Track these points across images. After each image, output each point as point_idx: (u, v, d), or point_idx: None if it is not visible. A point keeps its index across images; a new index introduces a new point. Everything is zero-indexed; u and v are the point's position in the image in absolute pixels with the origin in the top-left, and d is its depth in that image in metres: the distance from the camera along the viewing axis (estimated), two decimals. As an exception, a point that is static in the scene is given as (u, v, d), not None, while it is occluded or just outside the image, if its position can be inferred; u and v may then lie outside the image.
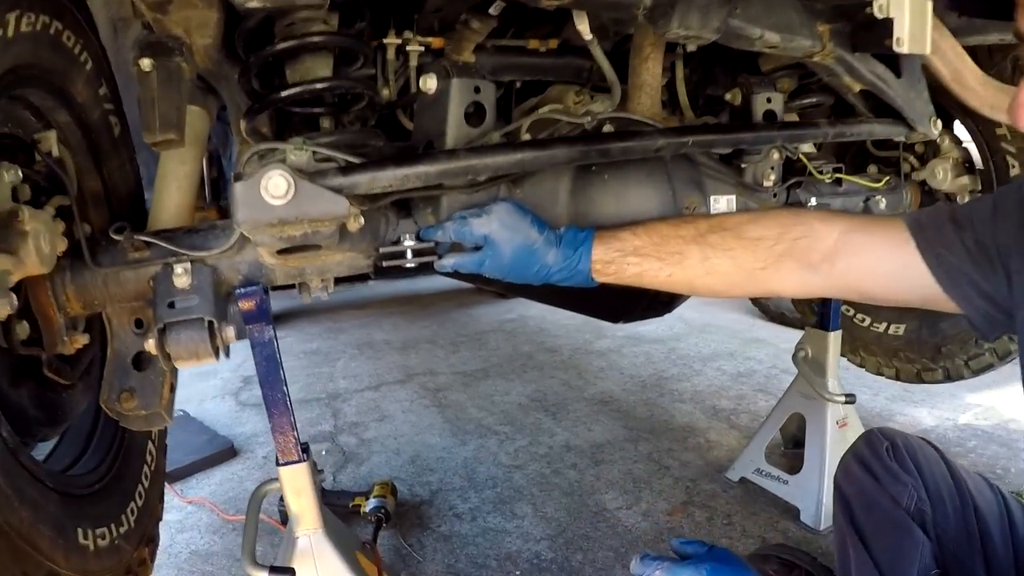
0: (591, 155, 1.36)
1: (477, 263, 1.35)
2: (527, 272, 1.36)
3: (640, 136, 1.42)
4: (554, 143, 1.32)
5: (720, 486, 2.75)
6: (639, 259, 1.35)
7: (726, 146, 1.59)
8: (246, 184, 1.12)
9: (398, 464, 3.07)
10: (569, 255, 1.35)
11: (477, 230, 1.34)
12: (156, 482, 1.77)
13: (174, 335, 1.32)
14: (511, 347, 4.81)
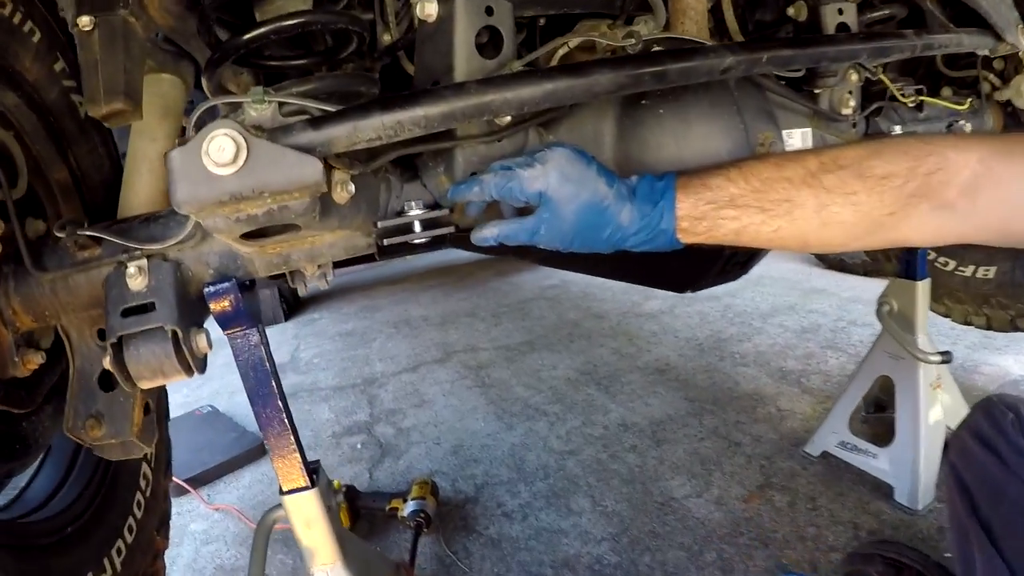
0: (644, 80, 1.04)
1: (530, 230, 1.07)
2: (596, 237, 1.07)
3: (704, 54, 1.09)
4: (595, 67, 1.00)
5: (799, 463, 2.47)
6: (737, 211, 1.04)
7: (805, 62, 1.26)
8: (183, 152, 0.84)
9: (439, 455, 2.82)
10: (647, 211, 1.05)
11: (529, 185, 1.04)
12: (153, 511, 1.53)
13: (132, 350, 1.06)
14: (555, 315, 4.54)
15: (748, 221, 1.04)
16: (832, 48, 1.29)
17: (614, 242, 1.08)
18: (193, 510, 2.66)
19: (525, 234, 1.07)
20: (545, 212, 1.05)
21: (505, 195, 1.06)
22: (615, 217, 1.05)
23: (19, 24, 1.28)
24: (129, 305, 1.06)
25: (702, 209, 1.05)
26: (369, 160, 1.04)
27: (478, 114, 0.93)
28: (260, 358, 1.16)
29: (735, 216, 1.04)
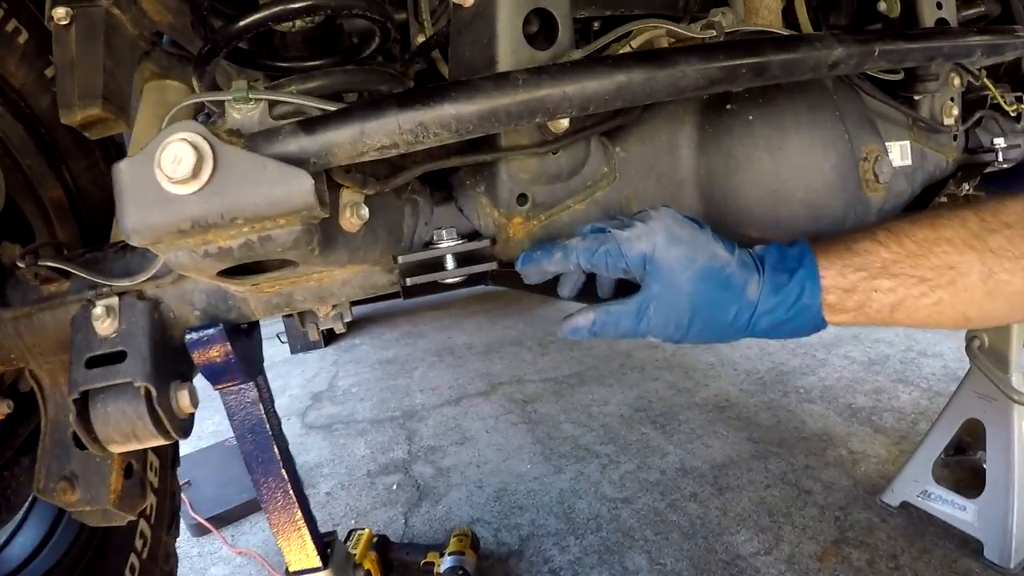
0: (740, 74, 0.82)
1: (636, 314, 0.86)
2: (720, 318, 0.86)
3: (811, 44, 0.87)
4: (680, 55, 0.78)
5: (877, 514, 2.21)
6: (893, 282, 0.84)
7: (919, 58, 1.03)
8: (133, 164, 0.64)
9: (481, 501, 2.59)
10: (783, 283, 0.85)
11: (630, 248, 0.85)
12: (148, 574, 1.33)
13: (99, 408, 0.87)
14: (606, 345, 4.28)
15: (906, 293, 0.84)
16: (948, 42, 1.07)
17: (742, 325, 0.86)
18: (215, 552, 2.49)
19: (630, 320, 0.86)
20: (654, 283, 0.85)
21: (598, 263, 0.87)
22: (742, 290, 0.85)
23: (0, 22, 1.12)
24: (95, 353, 0.87)
25: (851, 279, 0.85)
26: (389, 176, 0.83)
27: (528, 114, 0.71)
28: (259, 419, 0.96)
29: (891, 288, 0.84)
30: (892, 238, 0.85)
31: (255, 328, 1.03)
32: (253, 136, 0.67)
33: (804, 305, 0.84)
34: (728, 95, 1.05)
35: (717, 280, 0.84)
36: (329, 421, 3.60)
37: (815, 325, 0.86)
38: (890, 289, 0.84)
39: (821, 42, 0.89)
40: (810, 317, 0.85)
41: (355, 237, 0.81)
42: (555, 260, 0.88)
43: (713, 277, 0.84)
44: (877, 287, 0.84)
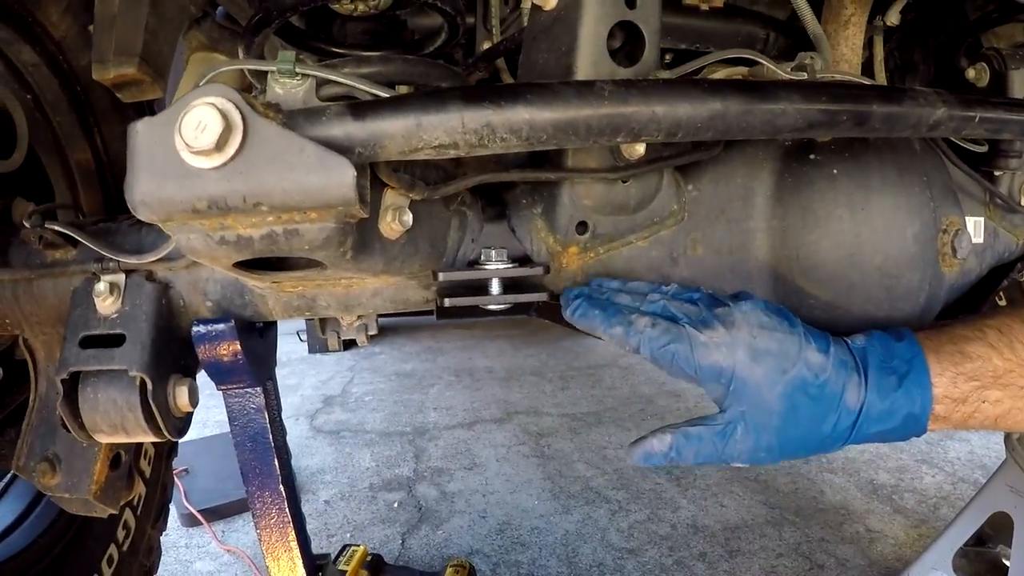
0: (841, 121, 0.73)
1: (721, 440, 0.75)
2: (815, 434, 0.76)
3: (915, 99, 0.79)
4: (782, 90, 0.69)
5: (890, 599, 2.09)
6: (1003, 393, 0.75)
7: (1016, 131, 0.93)
8: (150, 126, 0.56)
9: (483, 532, 2.48)
10: (890, 390, 0.75)
11: (706, 357, 0.75)
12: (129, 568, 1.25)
13: (88, 393, 0.78)
14: (628, 387, 4.18)
15: (1012, 405, 0.76)
16: None
17: (840, 435, 0.76)
18: (203, 546, 2.41)
19: (713, 445, 0.75)
20: (738, 404, 0.74)
21: (662, 359, 0.76)
22: (839, 398, 0.75)
23: (41, -35, 1.06)
24: (92, 333, 0.79)
25: (964, 389, 0.75)
26: (440, 183, 0.74)
27: (610, 132, 0.61)
28: (262, 427, 0.87)
29: (999, 399, 0.75)
30: (1004, 341, 0.77)
31: (271, 329, 0.95)
32: (293, 113, 0.58)
33: (913, 416, 0.75)
34: (812, 145, 0.96)
35: (812, 393, 0.74)
36: (338, 427, 3.52)
37: (915, 434, 0.78)
38: (998, 401, 0.75)
39: (926, 99, 0.81)
40: (914, 427, 0.76)
41: (394, 245, 0.72)
42: (613, 333, 0.78)
43: (807, 390, 0.74)
44: (986, 398, 0.75)
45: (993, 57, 1.29)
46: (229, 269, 0.67)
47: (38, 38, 1.11)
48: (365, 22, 1.16)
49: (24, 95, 1.12)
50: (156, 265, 0.81)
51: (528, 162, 0.81)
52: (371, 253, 0.70)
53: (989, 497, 2.02)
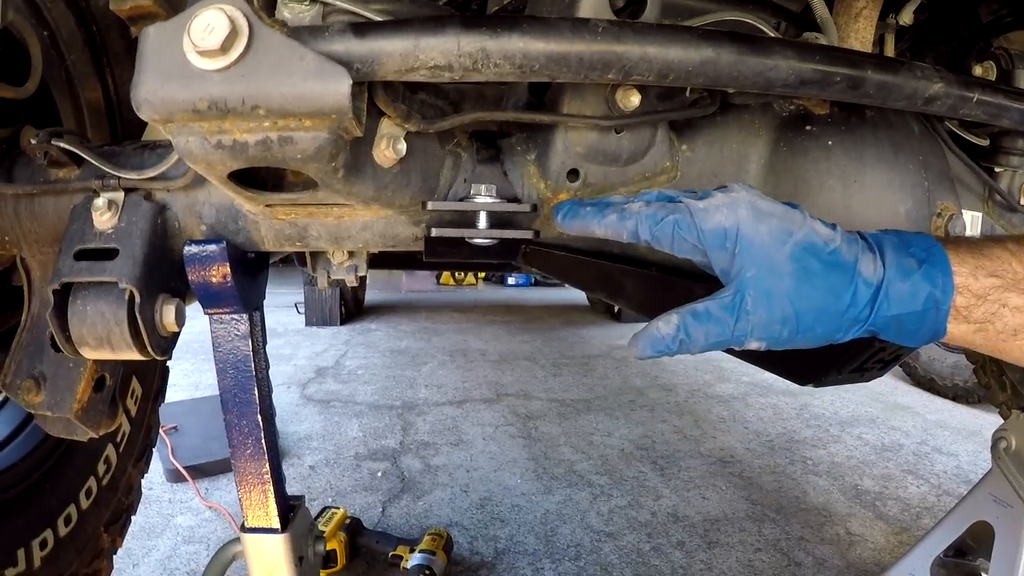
0: (834, 82, 0.74)
1: (730, 312, 0.70)
2: (835, 306, 0.70)
3: (911, 71, 0.79)
4: (776, 44, 0.70)
5: (865, 602, 2.09)
6: (1023, 299, 0.71)
7: (1015, 120, 0.93)
8: (161, 30, 0.58)
9: (463, 506, 2.50)
10: (910, 270, 0.71)
11: (707, 219, 0.70)
12: (106, 503, 1.26)
13: (78, 305, 0.80)
14: (620, 378, 4.20)
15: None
16: None
17: (859, 312, 0.71)
18: (186, 501, 2.43)
19: (724, 319, 0.69)
20: (746, 268, 0.69)
21: (662, 234, 0.71)
22: (853, 269, 0.70)
23: None
24: (87, 247, 0.80)
25: (985, 284, 0.71)
26: (436, 118, 0.76)
27: (602, 67, 0.63)
28: (245, 355, 0.89)
29: (1019, 306, 0.71)
30: (1023, 251, 0.73)
31: (263, 261, 0.97)
32: (298, 29, 0.60)
33: (935, 301, 0.70)
34: (809, 117, 0.97)
35: (824, 259, 0.69)
36: (328, 397, 3.54)
37: (934, 332, 0.72)
38: (1018, 308, 0.71)
39: (923, 71, 0.81)
40: (934, 319, 0.71)
41: (386, 173, 0.74)
42: (607, 221, 0.73)
43: (818, 254, 0.70)
44: (1007, 301, 0.71)
45: (1001, 56, 1.31)
46: (224, 183, 0.68)
47: (56, -26, 1.12)
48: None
49: (41, 30, 1.14)
50: (154, 185, 0.82)
51: (526, 106, 0.82)
52: (363, 177, 0.71)
53: (972, 506, 1.99)
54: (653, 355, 0.72)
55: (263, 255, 0.96)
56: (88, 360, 0.91)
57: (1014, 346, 0.72)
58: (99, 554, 1.25)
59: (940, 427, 3.67)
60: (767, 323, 0.69)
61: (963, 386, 4.04)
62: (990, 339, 0.72)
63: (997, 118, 0.94)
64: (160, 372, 1.45)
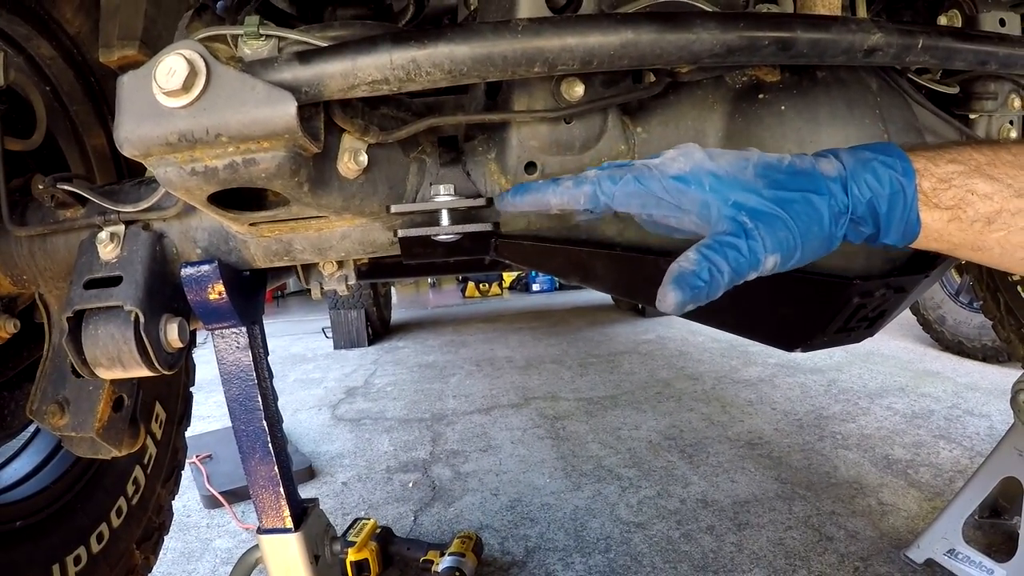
0: (762, 46, 0.77)
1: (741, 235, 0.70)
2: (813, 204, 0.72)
3: (844, 25, 0.82)
4: (697, 17, 0.74)
5: (899, 569, 2.09)
6: (990, 186, 0.72)
7: (970, 60, 0.95)
8: (134, 77, 0.65)
9: (494, 509, 2.56)
10: (868, 160, 0.73)
11: (667, 168, 0.72)
12: (137, 521, 1.34)
13: (91, 329, 0.88)
14: (646, 372, 4.23)
15: (1003, 206, 0.72)
16: (1002, 49, 0.97)
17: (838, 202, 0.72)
18: (223, 525, 2.51)
19: (738, 249, 0.69)
20: (724, 199, 0.71)
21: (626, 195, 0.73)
22: (814, 168, 0.73)
23: (53, -34, 1.17)
24: (94, 276, 0.88)
25: (945, 169, 0.73)
26: (394, 128, 0.82)
27: (525, 62, 0.69)
28: (247, 365, 0.96)
29: (987, 193, 0.72)
30: (986, 145, 0.75)
31: (259, 281, 1.04)
32: (252, 63, 0.68)
33: (900, 184, 0.71)
34: (761, 86, 1.00)
35: (785, 169, 0.72)
36: (359, 416, 3.62)
37: (908, 219, 0.73)
38: (987, 195, 0.72)
39: (858, 24, 0.83)
40: (903, 204, 0.72)
41: (351, 184, 0.81)
42: (561, 190, 0.75)
43: (779, 167, 0.73)
44: (973, 188, 0.72)
45: (964, 2, 1.29)
46: (205, 206, 0.76)
47: (54, 33, 1.21)
48: (353, 7, 1.24)
49: (43, 85, 1.23)
50: (150, 216, 0.90)
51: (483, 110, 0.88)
52: (329, 189, 0.78)
53: (998, 462, 2.02)
54: (691, 299, 0.68)
55: (259, 272, 1.04)
56: (105, 382, 0.99)
57: (992, 240, 0.73)
58: (132, 570, 1.33)
59: (971, 389, 3.65)
60: (771, 233, 0.70)
61: (992, 346, 4.00)
62: (966, 231, 0.73)
63: (949, 61, 0.94)
64: (183, 397, 1.54)
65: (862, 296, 1.01)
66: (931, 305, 4.40)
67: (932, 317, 4.39)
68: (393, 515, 2.53)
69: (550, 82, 0.86)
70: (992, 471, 2.03)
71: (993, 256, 0.75)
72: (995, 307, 2.39)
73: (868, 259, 1.03)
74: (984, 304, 2.45)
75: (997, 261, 0.76)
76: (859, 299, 1.00)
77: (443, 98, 0.97)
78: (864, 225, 0.74)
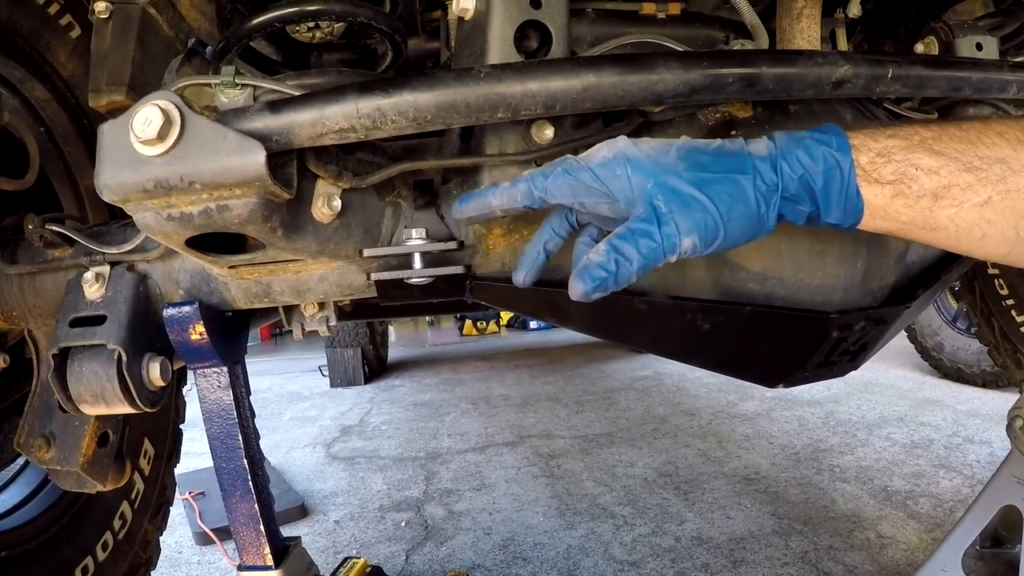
0: (727, 84, 0.79)
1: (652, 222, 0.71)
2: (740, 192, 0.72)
3: (811, 58, 0.83)
4: (660, 58, 0.77)
5: (899, 603, 2.06)
6: (935, 160, 0.71)
7: (942, 87, 0.95)
8: (113, 126, 0.69)
9: (486, 548, 2.54)
10: (800, 138, 0.74)
11: (592, 158, 0.75)
12: (122, 557, 1.35)
13: (75, 366, 0.91)
14: (643, 408, 4.23)
15: (950, 180, 0.71)
16: (976, 74, 0.99)
17: (766, 180, 0.72)
18: (214, 562, 2.51)
19: (650, 237, 0.70)
20: (643, 183, 0.71)
21: (556, 185, 0.75)
22: (742, 148, 0.74)
23: (55, 15, 1.22)
24: (80, 315, 0.91)
25: (885, 143, 0.72)
26: (368, 173, 0.86)
27: (488, 109, 0.72)
28: (228, 404, 0.98)
29: (932, 168, 0.71)
30: (932, 123, 0.74)
31: (242, 322, 1.07)
32: (225, 112, 0.71)
33: (835, 159, 0.71)
34: (734, 122, 1.02)
35: (710, 151, 0.73)
36: (353, 454, 3.62)
37: (847, 194, 0.72)
38: (932, 170, 0.70)
39: (824, 57, 0.84)
40: (841, 179, 0.71)
41: (326, 228, 0.84)
42: (499, 191, 0.78)
43: (704, 149, 0.73)
44: (917, 162, 0.70)
45: (940, 29, 1.33)
46: (184, 249, 0.79)
47: (48, 77, 1.25)
48: (339, 51, 1.28)
49: (37, 127, 1.27)
50: (135, 257, 0.93)
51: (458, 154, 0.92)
52: (304, 234, 0.81)
53: (996, 491, 1.97)
54: (594, 289, 0.71)
55: (242, 314, 1.06)
56: (91, 417, 1.01)
57: (944, 218, 0.72)
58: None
59: (971, 416, 3.65)
60: (687, 216, 0.71)
61: (991, 371, 3.99)
62: (913, 207, 0.72)
63: (921, 89, 0.95)
64: (173, 434, 1.55)
65: (841, 329, 1.01)
66: (928, 332, 4.39)
67: (930, 344, 4.39)
68: (385, 554, 2.52)
69: (520, 126, 0.89)
70: (990, 500, 1.99)
71: (949, 236, 0.74)
72: (990, 332, 2.40)
73: (847, 292, 1.04)
74: (979, 330, 2.46)
75: (954, 243, 0.75)
76: (838, 332, 0.99)
77: (424, 141, 1.00)
78: (801, 203, 0.74)
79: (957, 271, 1.21)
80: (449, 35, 1.21)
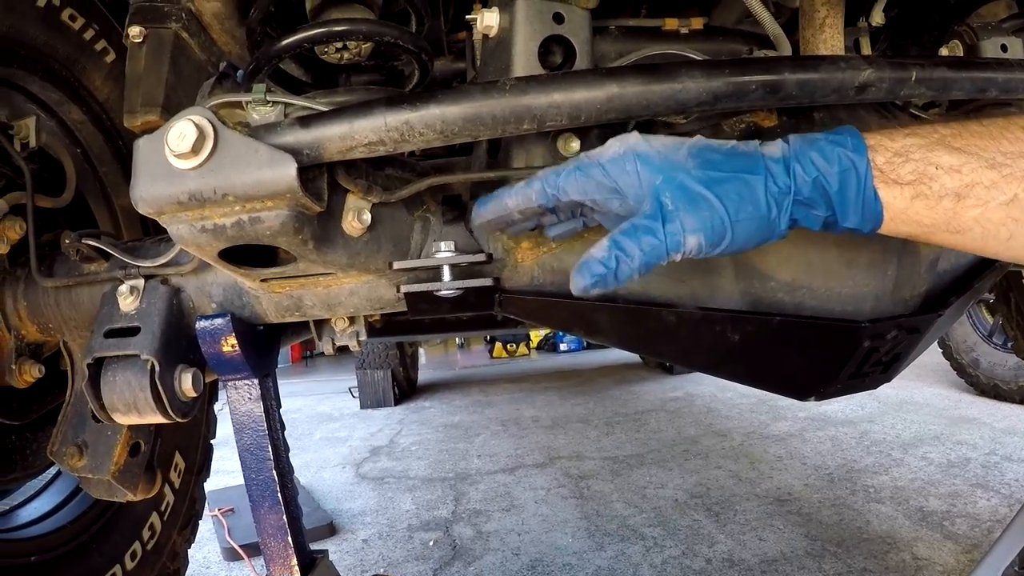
0: (749, 92, 0.79)
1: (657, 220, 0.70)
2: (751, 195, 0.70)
3: (834, 64, 0.83)
4: (682, 68, 0.77)
5: (936, 628, 2.02)
6: (956, 158, 0.68)
7: (968, 89, 0.93)
8: (149, 141, 0.71)
9: (514, 568, 2.53)
10: (815, 139, 0.72)
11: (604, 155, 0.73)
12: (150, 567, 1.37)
13: (108, 376, 0.93)
14: (674, 429, 4.19)
15: (973, 179, 0.67)
16: (1002, 74, 0.95)
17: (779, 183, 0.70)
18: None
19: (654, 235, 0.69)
20: (652, 179, 0.70)
21: (569, 183, 0.74)
22: (755, 149, 0.72)
23: (90, 41, 1.27)
24: (114, 326, 0.94)
25: (903, 142, 0.69)
26: (397, 188, 0.87)
27: (514, 120, 0.73)
28: (259, 416, 0.99)
29: (953, 166, 0.68)
30: (951, 121, 0.71)
31: (274, 336, 1.08)
32: (257, 127, 0.73)
33: (851, 160, 0.68)
34: (760, 131, 1.01)
35: (723, 151, 0.72)
36: (382, 474, 3.63)
37: (865, 197, 0.69)
38: (953, 168, 0.67)
39: (847, 62, 0.83)
40: (857, 181, 0.69)
41: (356, 242, 0.85)
42: (514, 191, 0.78)
43: (717, 149, 0.72)
44: (936, 161, 0.68)
45: (964, 32, 1.30)
46: (216, 261, 0.81)
47: (84, 100, 1.30)
48: (366, 73, 1.31)
49: (73, 148, 1.31)
50: (168, 271, 0.96)
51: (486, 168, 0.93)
52: (334, 247, 0.83)
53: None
54: (593, 284, 0.71)
55: (273, 328, 1.08)
56: (123, 427, 1.03)
57: (968, 219, 0.69)
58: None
59: (1009, 434, 3.58)
60: (693, 214, 0.69)
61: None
62: (935, 209, 0.69)
63: (946, 92, 0.92)
64: (203, 449, 1.58)
65: (873, 339, 0.99)
66: (964, 348, 4.31)
67: (966, 361, 4.30)
68: (412, 573, 2.52)
69: (547, 139, 0.90)
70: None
71: (975, 239, 0.71)
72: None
73: (878, 300, 1.02)
74: (1015, 343, 2.41)
75: (981, 245, 0.72)
76: (870, 342, 0.97)
77: (452, 160, 1.02)
78: (816, 207, 0.72)
79: (990, 278, 1.18)
80: (475, 54, 1.23)
